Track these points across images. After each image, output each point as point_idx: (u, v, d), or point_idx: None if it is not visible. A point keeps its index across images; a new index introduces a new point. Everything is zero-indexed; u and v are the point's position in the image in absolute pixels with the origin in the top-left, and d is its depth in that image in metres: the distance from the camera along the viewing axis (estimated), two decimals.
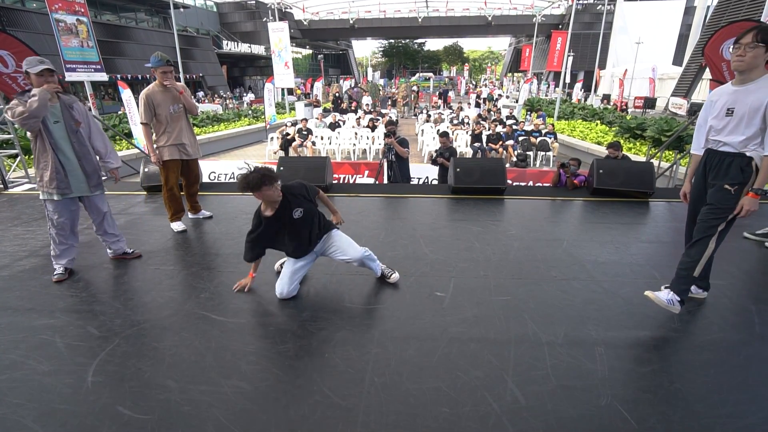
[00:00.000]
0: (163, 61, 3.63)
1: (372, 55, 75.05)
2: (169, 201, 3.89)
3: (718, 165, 2.38)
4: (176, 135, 3.78)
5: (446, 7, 41.96)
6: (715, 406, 1.88)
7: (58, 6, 9.08)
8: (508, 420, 1.80)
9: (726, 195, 2.32)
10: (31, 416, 1.83)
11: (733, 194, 2.30)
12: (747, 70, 2.20)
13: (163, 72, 3.64)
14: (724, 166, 2.35)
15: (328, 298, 2.81)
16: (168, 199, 3.89)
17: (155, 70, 3.64)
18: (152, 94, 3.65)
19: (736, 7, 16.02)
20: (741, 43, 2.16)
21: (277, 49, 19.73)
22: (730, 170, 2.32)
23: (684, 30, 29.70)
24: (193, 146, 3.97)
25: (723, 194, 2.33)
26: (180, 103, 3.79)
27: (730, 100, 2.30)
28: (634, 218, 4.40)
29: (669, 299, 2.38)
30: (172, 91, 3.73)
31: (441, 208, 4.76)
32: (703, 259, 2.37)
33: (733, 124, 2.29)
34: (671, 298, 2.38)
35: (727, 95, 2.33)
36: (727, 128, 2.32)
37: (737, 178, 2.30)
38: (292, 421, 1.80)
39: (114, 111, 19.80)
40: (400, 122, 16.90)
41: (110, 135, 11.24)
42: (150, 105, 3.65)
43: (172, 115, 3.74)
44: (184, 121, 3.84)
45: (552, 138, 11.22)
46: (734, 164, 2.31)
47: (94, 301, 2.76)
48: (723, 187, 2.33)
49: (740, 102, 2.24)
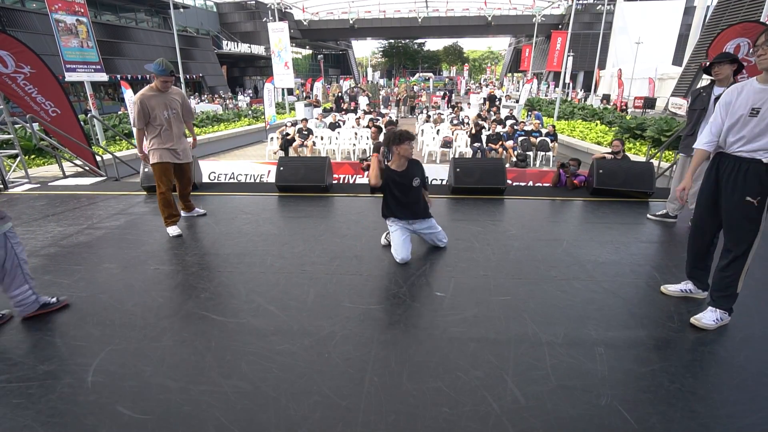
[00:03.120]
0: (167, 71, 3.60)
1: (372, 55, 75.07)
2: (162, 205, 3.83)
3: (735, 172, 2.25)
4: (169, 139, 3.76)
5: (446, 8, 41.98)
6: (715, 406, 1.88)
7: (58, 6, 9.09)
8: (508, 420, 1.80)
9: (749, 209, 2.22)
10: (31, 416, 1.83)
11: (756, 206, 2.20)
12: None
13: (164, 81, 3.64)
14: (741, 174, 2.22)
15: (328, 298, 2.81)
16: (161, 203, 3.83)
17: (156, 76, 3.62)
18: (147, 99, 3.61)
19: (736, 7, 16.02)
20: (758, 45, 2.10)
21: (276, 50, 19.73)
22: (748, 179, 2.20)
23: (684, 30, 29.70)
24: (185, 151, 3.95)
25: (746, 209, 2.22)
26: (174, 108, 3.77)
27: (755, 99, 2.15)
28: (634, 218, 4.40)
29: (716, 318, 2.42)
30: (167, 95, 3.71)
31: (441, 208, 4.76)
32: (743, 274, 2.33)
33: (759, 127, 2.14)
34: (719, 317, 2.42)
35: (752, 93, 2.18)
36: (748, 128, 2.18)
37: (757, 188, 2.18)
38: (292, 421, 1.80)
39: (114, 111, 19.80)
40: (399, 122, 16.90)
41: (110, 135, 11.25)
42: (145, 109, 3.62)
43: (166, 119, 3.72)
44: (177, 125, 3.82)
45: (552, 139, 11.22)
46: (751, 172, 2.19)
47: (94, 301, 2.76)
48: (744, 200, 2.21)
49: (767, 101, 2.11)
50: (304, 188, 5.28)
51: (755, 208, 2.22)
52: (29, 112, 6.51)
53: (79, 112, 11.00)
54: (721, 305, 2.43)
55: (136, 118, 3.64)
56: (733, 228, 2.32)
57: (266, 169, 8.18)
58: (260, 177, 8.18)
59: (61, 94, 6.97)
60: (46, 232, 4.01)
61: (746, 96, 2.21)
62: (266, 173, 8.13)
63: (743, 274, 2.33)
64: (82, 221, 4.33)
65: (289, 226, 4.21)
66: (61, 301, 2.69)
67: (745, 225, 2.26)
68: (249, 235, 3.91)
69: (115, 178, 6.98)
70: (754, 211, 2.22)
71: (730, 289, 2.37)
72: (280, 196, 5.18)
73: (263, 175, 8.17)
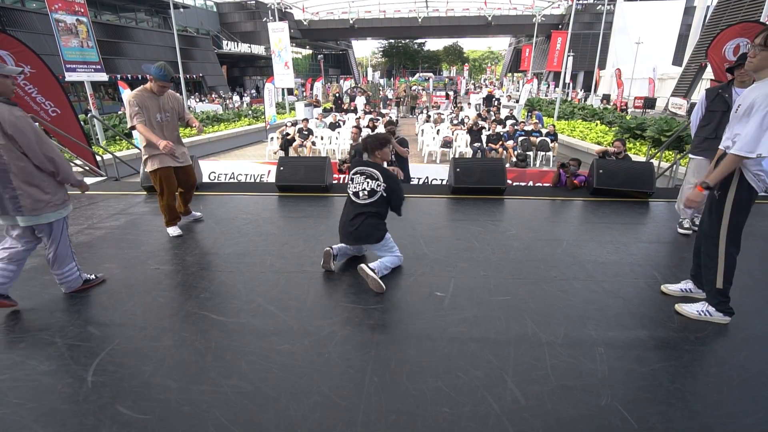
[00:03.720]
0: (167, 77, 3.49)
1: (372, 55, 75.08)
2: (165, 210, 3.80)
3: None
4: None
5: (446, 7, 41.97)
6: (715, 406, 1.88)
7: (58, 6, 9.09)
8: (508, 420, 1.80)
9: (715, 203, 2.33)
10: (31, 416, 1.83)
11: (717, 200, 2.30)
12: (755, 71, 2.17)
13: (162, 86, 3.52)
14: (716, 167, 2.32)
15: (328, 298, 2.81)
16: (164, 208, 3.79)
17: (154, 80, 3.49)
18: (141, 100, 3.48)
19: (736, 7, 16.02)
20: (753, 44, 2.14)
21: (277, 49, 19.73)
22: None
23: (684, 30, 29.73)
24: (183, 155, 3.80)
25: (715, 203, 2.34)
26: (167, 112, 3.64)
27: (740, 98, 2.26)
28: (634, 218, 4.40)
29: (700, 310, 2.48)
30: (161, 99, 3.59)
31: (441, 208, 4.76)
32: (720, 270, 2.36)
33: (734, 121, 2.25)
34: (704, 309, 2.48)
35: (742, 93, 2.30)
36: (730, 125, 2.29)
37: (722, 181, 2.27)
38: (292, 421, 1.80)
39: (114, 111, 19.79)
40: (400, 122, 16.91)
41: (110, 135, 11.24)
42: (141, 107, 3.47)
43: (159, 123, 3.60)
44: (170, 130, 3.70)
45: (552, 139, 11.22)
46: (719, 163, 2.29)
47: (94, 301, 2.76)
48: (714, 194, 2.35)
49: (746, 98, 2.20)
50: (304, 188, 5.28)
51: (716, 201, 2.29)
52: (29, 111, 6.50)
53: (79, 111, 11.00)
54: (709, 300, 2.50)
55: (132, 115, 3.46)
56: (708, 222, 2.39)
57: (266, 169, 8.19)
58: (260, 177, 8.18)
59: (61, 93, 6.96)
60: None
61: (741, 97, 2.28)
62: (266, 173, 8.13)
63: (720, 269, 2.36)
64: (82, 221, 4.33)
65: (289, 226, 4.21)
66: (99, 277, 3.00)
67: (713, 218, 2.33)
68: (249, 235, 3.91)
69: (115, 178, 6.97)
70: (716, 203, 2.30)
71: (710, 285, 2.43)
72: (280, 196, 5.18)
73: (263, 175, 8.17)
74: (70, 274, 2.78)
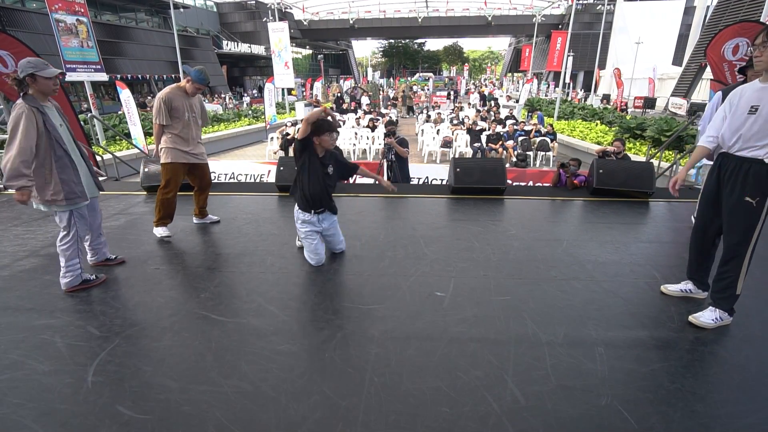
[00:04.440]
0: (205, 81, 3.70)
1: (372, 55, 75.09)
2: (161, 204, 3.76)
3: (735, 172, 2.26)
4: (185, 141, 3.73)
5: (446, 8, 41.97)
6: (715, 406, 1.88)
7: (58, 6, 9.09)
8: (508, 420, 1.80)
9: (747, 209, 2.22)
10: (31, 416, 1.83)
11: (755, 207, 2.20)
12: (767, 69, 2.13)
13: (197, 88, 3.71)
14: (742, 174, 2.22)
15: (328, 298, 2.81)
16: (163, 203, 3.76)
17: (191, 81, 3.65)
18: (170, 100, 3.60)
19: (736, 7, 16.03)
20: (756, 45, 2.13)
21: (277, 49, 19.73)
22: (748, 179, 2.20)
23: (684, 30, 29.71)
24: (202, 154, 3.95)
25: (744, 209, 2.23)
26: (194, 112, 3.80)
27: (754, 97, 2.17)
28: (634, 218, 4.40)
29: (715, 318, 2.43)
30: (190, 99, 3.75)
31: (441, 208, 4.76)
32: (742, 275, 2.32)
33: (758, 125, 2.14)
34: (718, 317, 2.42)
35: (751, 92, 2.20)
36: (746, 127, 2.19)
37: (757, 189, 2.17)
38: (292, 421, 1.80)
39: (114, 111, 19.78)
40: (400, 122, 16.90)
41: (110, 135, 11.25)
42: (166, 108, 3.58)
43: (187, 121, 3.73)
44: (195, 129, 3.85)
45: (552, 138, 11.22)
46: (752, 172, 2.19)
47: (94, 301, 2.76)
48: (743, 200, 2.21)
49: (766, 100, 2.12)
50: None
51: (754, 209, 2.22)
52: None
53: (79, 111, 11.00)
54: (720, 305, 2.43)
55: (155, 114, 3.65)
56: (732, 228, 2.32)
57: (266, 169, 8.19)
58: (260, 177, 8.18)
59: (61, 93, 6.96)
60: (47, 232, 4.01)
61: (748, 96, 2.22)
62: (266, 173, 8.13)
63: (742, 274, 2.33)
64: None
65: (289, 226, 4.20)
66: (99, 278, 3.01)
67: (743, 225, 2.26)
68: (249, 235, 3.91)
69: (115, 178, 6.98)
70: (753, 211, 2.22)
71: (730, 290, 2.37)
72: (280, 196, 5.18)
73: (263, 175, 8.17)
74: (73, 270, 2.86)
